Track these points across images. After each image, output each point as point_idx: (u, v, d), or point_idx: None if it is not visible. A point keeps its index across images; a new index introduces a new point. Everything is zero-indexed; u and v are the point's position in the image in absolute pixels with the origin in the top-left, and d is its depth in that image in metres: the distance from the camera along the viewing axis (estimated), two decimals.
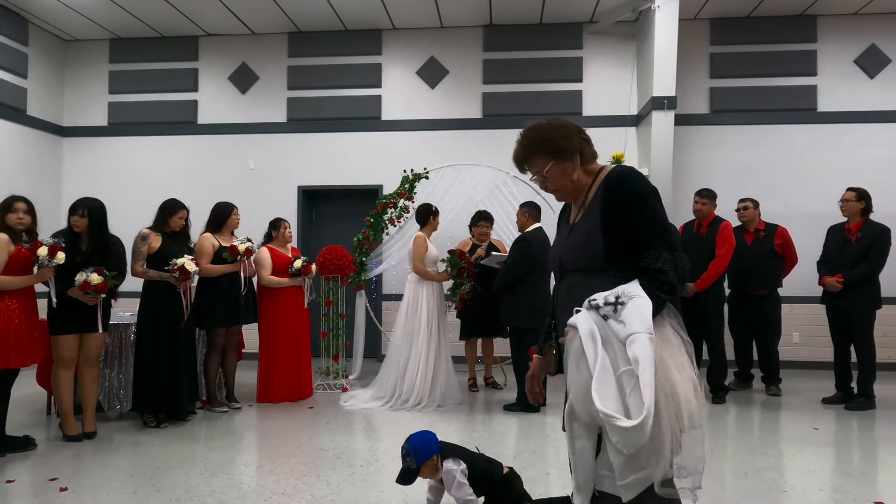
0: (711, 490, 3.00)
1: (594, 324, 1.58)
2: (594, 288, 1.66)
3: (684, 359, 1.60)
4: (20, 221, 3.57)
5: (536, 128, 1.83)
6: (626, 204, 1.72)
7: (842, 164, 6.46)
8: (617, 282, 1.65)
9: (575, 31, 6.89)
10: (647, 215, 1.70)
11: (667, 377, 1.53)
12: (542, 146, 1.81)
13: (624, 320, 1.54)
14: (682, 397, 1.53)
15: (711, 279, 4.95)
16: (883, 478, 3.26)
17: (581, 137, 1.82)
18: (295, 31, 7.14)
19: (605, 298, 1.59)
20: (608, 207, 1.74)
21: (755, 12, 6.62)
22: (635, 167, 1.79)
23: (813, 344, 6.31)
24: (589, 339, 1.56)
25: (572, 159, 1.80)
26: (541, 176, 1.85)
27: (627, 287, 1.61)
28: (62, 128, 7.36)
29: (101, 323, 3.87)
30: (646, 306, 1.55)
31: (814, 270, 5.04)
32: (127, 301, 4.86)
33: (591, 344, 1.55)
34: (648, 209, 1.71)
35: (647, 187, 1.75)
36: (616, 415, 1.45)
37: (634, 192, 1.73)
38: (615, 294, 1.59)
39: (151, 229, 4.26)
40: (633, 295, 1.58)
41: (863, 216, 4.77)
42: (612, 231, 1.71)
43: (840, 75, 6.65)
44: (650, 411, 1.43)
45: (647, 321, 1.52)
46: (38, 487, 3.07)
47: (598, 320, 1.58)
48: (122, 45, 7.33)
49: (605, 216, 1.73)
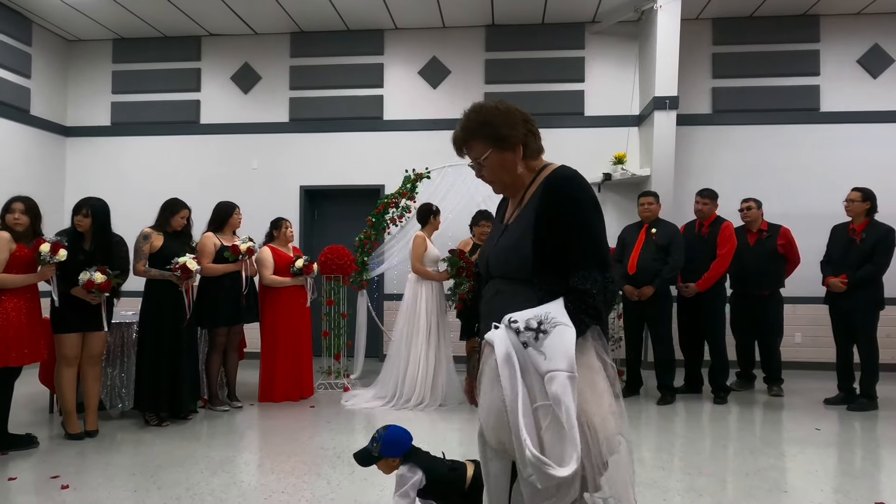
0: (712, 490, 3.00)
1: (512, 347, 1.45)
2: (519, 300, 1.54)
3: (604, 384, 1.51)
4: (16, 222, 3.57)
5: (480, 109, 1.67)
6: (561, 210, 1.57)
7: (845, 165, 6.44)
8: (542, 297, 1.53)
9: (577, 31, 6.88)
10: (583, 227, 1.56)
11: (583, 408, 1.44)
12: (482, 130, 1.65)
13: (545, 352, 1.42)
14: (599, 427, 1.45)
15: (713, 279, 4.95)
16: (885, 479, 3.25)
17: (528, 128, 1.67)
18: (297, 32, 7.15)
19: (527, 322, 1.46)
20: (543, 211, 1.58)
21: (758, 12, 6.61)
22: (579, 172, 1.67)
23: (815, 344, 6.29)
24: (505, 365, 1.44)
25: (514, 150, 1.65)
26: (478, 163, 1.69)
27: (551, 310, 1.48)
28: (65, 127, 7.38)
29: (105, 322, 3.88)
30: (569, 337, 1.43)
31: (816, 271, 5.03)
32: (129, 300, 4.88)
33: (507, 370, 1.44)
34: (586, 220, 1.57)
35: (588, 195, 1.60)
36: (547, 461, 1.36)
37: (573, 199, 1.58)
38: (538, 319, 1.46)
39: (153, 228, 4.28)
40: (556, 322, 1.45)
41: (867, 216, 4.76)
42: (544, 239, 1.57)
43: (843, 75, 6.63)
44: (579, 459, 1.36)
45: (569, 356, 1.41)
46: (40, 485, 3.08)
47: (518, 345, 1.45)
48: (125, 45, 7.35)
49: (539, 221, 1.58)
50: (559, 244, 1.55)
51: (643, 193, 5.19)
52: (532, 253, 1.57)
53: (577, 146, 6.78)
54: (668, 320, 5.01)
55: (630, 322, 5.14)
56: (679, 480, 3.13)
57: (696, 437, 4.02)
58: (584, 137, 6.79)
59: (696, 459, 3.50)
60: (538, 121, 1.75)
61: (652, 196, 5.09)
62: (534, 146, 1.69)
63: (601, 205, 1.66)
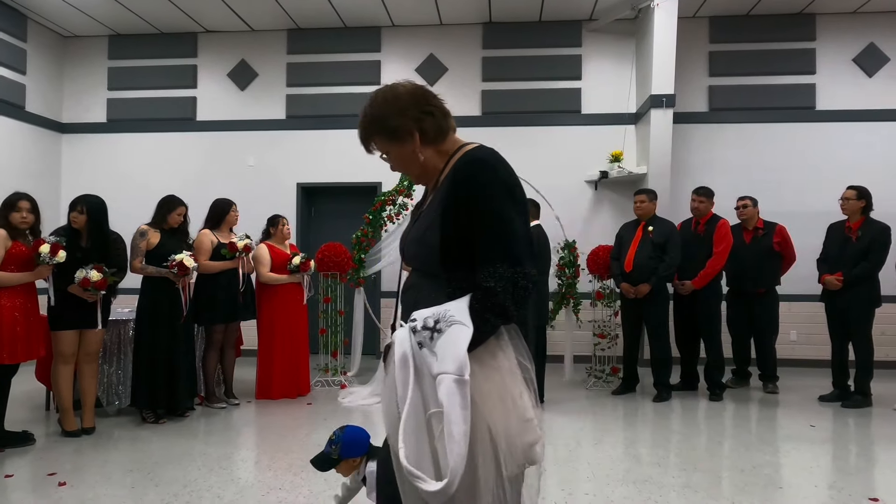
0: (708, 486, 3.01)
1: (409, 349, 1.34)
2: (428, 296, 1.41)
3: (517, 389, 1.36)
4: (24, 221, 3.59)
5: (372, 103, 1.54)
6: (467, 198, 1.40)
7: (840, 163, 6.47)
8: (452, 293, 1.39)
9: (574, 29, 6.89)
10: (489, 216, 1.38)
11: (482, 415, 1.30)
12: (375, 126, 1.53)
13: (437, 353, 1.30)
14: (503, 438, 1.31)
15: (709, 277, 4.97)
16: (879, 475, 3.28)
17: (422, 110, 1.50)
18: (294, 28, 7.14)
19: (425, 321, 1.33)
20: (449, 199, 1.42)
21: (754, 10, 6.62)
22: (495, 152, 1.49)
23: (811, 342, 6.33)
24: (401, 367, 1.33)
25: (409, 139, 1.50)
26: (383, 159, 1.59)
27: (452, 308, 1.34)
28: (61, 124, 7.35)
29: (101, 319, 3.88)
30: (463, 337, 1.30)
31: (812, 268, 5.05)
32: (126, 297, 4.87)
33: (402, 373, 1.33)
34: (492, 208, 1.38)
35: (497, 179, 1.41)
36: (418, 474, 1.25)
37: (479, 184, 1.40)
38: (435, 317, 1.33)
39: (150, 225, 4.27)
40: (453, 321, 1.32)
41: (863, 215, 4.78)
42: (450, 230, 1.41)
43: (839, 74, 6.65)
44: (455, 474, 1.22)
45: (459, 358, 1.27)
46: (37, 482, 3.08)
47: (415, 346, 1.33)
48: (121, 42, 7.32)
49: (446, 211, 1.42)
50: (466, 236, 1.39)
51: (637, 191, 5.22)
52: (439, 246, 1.42)
53: (573, 144, 6.80)
54: (664, 318, 5.03)
55: (627, 320, 5.16)
56: (675, 477, 3.15)
57: (691, 433, 4.04)
58: (580, 135, 6.80)
59: (691, 456, 3.52)
60: (535, 119, 1.68)
61: (645, 194, 5.10)
62: (435, 128, 1.51)
63: (600, 203, 1.61)
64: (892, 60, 6.59)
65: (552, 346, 5.25)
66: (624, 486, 3.00)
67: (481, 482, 1.30)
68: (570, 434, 3.97)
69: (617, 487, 2.98)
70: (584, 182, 6.77)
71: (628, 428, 4.15)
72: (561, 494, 2.90)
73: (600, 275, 5.41)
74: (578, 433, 4.00)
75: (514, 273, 1.35)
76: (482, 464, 1.30)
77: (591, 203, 6.78)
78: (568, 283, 5.58)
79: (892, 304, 4.96)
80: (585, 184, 6.78)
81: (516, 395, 1.36)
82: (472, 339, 1.31)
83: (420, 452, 1.29)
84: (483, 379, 1.33)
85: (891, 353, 6.02)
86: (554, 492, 2.94)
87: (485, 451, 1.30)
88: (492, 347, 1.37)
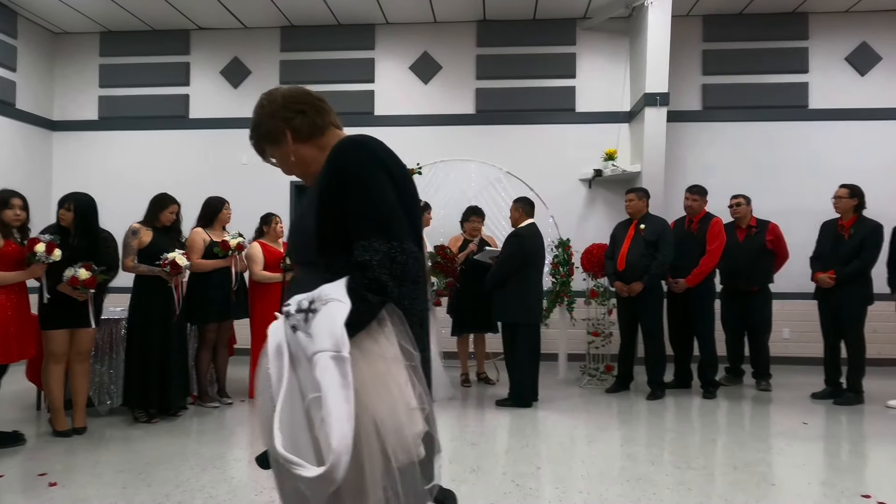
0: (701, 483, 3.02)
1: (284, 336, 1.28)
2: (308, 288, 1.34)
3: (402, 377, 1.29)
4: (17, 218, 3.57)
5: (255, 109, 1.57)
6: (340, 180, 1.39)
7: (833, 161, 6.49)
8: (330, 279, 1.33)
9: (568, 27, 6.88)
10: (361, 190, 1.36)
11: (365, 405, 1.23)
12: (254, 133, 1.57)
13: (312, 333, 1.23)
14: (389, 428, 1.24)
15: (702, 275, 4.98)
16: (870, 472, 3.30)
17: (293, 109, 1.52)
18: (287, 26, 7.10)
19: (299, 304, 1.28)
20: (323, 184, 1.42)
21: (747, 9, 6.64)
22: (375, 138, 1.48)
23: (803, 340, 6.35)
24: (275, 357, 1.27)
25: (283, 139, 1.52)
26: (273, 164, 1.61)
27: (327, 288, 1.29)
28: (52, 122, 7.29)
29: (93, 318, 3.85)
30: (339, 313, 1.24)
31: (804, 266, 5.07)
32: (118, 296, 4.84)
33: (276, 362, 1.26)
34: (364, 183, 1.37)
35: (368, 155, 1.41)
36: (296, 460, 1.16)
37: (349, 161, 1.40)
38: (310, 298, 1.28)
39: (142, 224, 4.24)
40: (328, 298, 1.26)
41: (856, 213, 4.80)
42: (325, 214, 1.40)
43: (831, 72, 6.68)
44: (339, 456, 1.14)
45: (335, 334, 1.21)
46: (28, 482, 3.05)
47: (290, 332, 1.27)
48: (113, 39, 7.26)
49: (321, 195, 1.42)
50: (339, 216, 1.38)
51: (627, 190, 5.23)
52: (316, 231, 1.41)
53: (568, 142, 6.80)
54: (658, 316, 5.04)
55: (622, 318, 5.17)
56: (668, 474, 3.15)
57: (685, 431, 4.05)
58: (575, 133, 6.80)
59: (685, 454, 3.52)
60: (529, 117, 1.68)
61: (634, 192, 5.12)
62: (308, 125, 1.52)
63: (594, 202, 1.60)
64: (885, 59, 6.62)
65: (546, 344, 5.25)
66: (618, 485, 3.00)
67: (368, 478, 1.22)
68: (564, 432, 3.98)
69: (611, 485, 2.99)
70: (579, 180, 6.78)
71: (622, 426, 4.16)
72: (555, 493, 2.90)
73: (594, 273, 5.41)
74: (572, 431, 4.00)
75: (391, 247, 1.32)
76: (368, 457, 1.22)
77: (586, 201, 6.78)
78: (562, 282, 5.58)
79: (883, 301, 4.98)
80: (579, 182, 6.78)
81: (402, 382, 1.29)
82: (353, 320, 1.25)
83: (298, 441, 1.20)
84: (365, 365, 1.26)
85: (882, 351, 6.06)
86: (548, 490, 2.94)
87: (370, 444, 1.22)
88: (374, 333, 1.30)
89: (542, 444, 3.73)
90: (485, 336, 5.61)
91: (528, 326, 4.67)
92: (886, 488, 2.99)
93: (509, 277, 4.60)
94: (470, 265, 5.19)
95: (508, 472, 3.18)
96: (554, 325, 5.71)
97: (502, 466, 3.27)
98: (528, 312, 4.64)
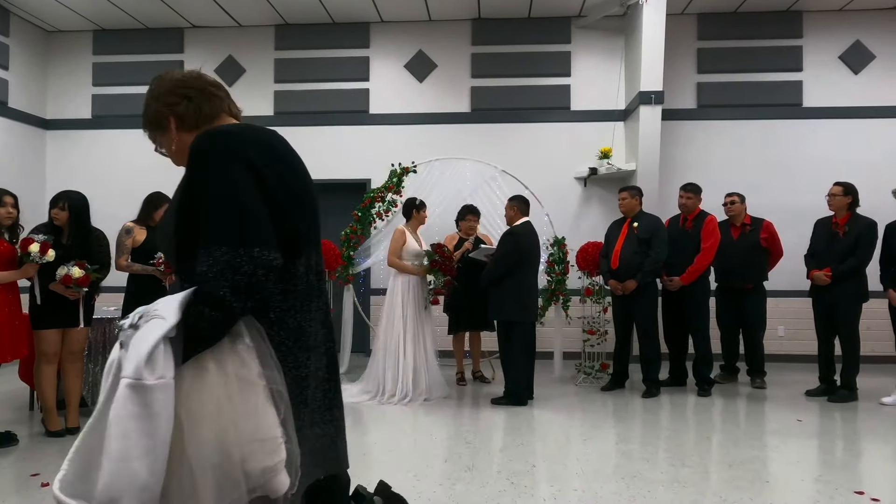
0: (696, 481, 3.03)
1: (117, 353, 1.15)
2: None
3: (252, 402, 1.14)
4: (9, 215, 3.55)
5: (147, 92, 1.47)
6: (191, 176, 1.25)
7: (827, 159, 6.51)
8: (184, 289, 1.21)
9: (563, 26, 6.88)
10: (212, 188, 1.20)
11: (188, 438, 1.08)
12: (144, 117, 1.46)
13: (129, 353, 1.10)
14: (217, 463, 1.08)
15: (697, 273, 4.99)
16: (864, 468, 3.31)
17: (178, 94, 1.39)
18: (282, 24, 7.08)
19: (132, 318, 1.16)
20: (181, 182, 1.29)
21: (742, 8, 6.65)
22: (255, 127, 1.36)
23: (798, 337, 6.38)
24: (105, 377, 1.15)
25: (167, 126, 1.41)
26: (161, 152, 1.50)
27: (161, 302, 1.17)
28: (45, 120, 7.25)
29: (84, 317, 3.82)
30: (152, 333, 1.09)
31: (798, 264, 5.09)
32: (111, 295, 4.82)
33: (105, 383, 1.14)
34: (214, 182, 1.20)
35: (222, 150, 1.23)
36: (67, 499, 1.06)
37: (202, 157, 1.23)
38: (141, 313, 1.16)
39: (136, 223, 4.21)
40: (154, 315, 1.13)
41: (850, 210, 4.82)
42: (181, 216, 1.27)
43: (825, 71, 6.70)
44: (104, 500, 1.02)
45: (137, 357, 1.07)
46: (21, 483, 3.03)
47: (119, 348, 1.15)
48: (106, 37, 7.23)
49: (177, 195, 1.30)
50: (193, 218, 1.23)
51: (620, 188, 5.25)
52: (173, 235, 1.29)
53: (563, 141, 6.80)
54: (653, 314, 5.05)
55: (617, 316, 5.18)
56: (663, 472, 3.16)
57: (680, 429, 4.05)
58: (570, 132, 6.81)
59: (680, 451, 3.53)
60: (525, 115, 1.64)
61: (627, 191, 5.13)
62: (193, 111, 1.39)
63: (590, 200, 1.57)
64: (878, 58, 6.64)
65: (542, 342, 5.25)
66: (613, 482, 3.00)
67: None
68: (559, 430, 3.98)
69: (606, 483, 2.99)
70: (574, 178, 6.78)
71: (617, 424, 4.16)
72: (550, 491, 2.90)
73: (589, 271, 5.42)
74: (568, 429, 4.00)
75: (235, 256, 1.14)
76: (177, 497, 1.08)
77: (581, 199, 6.78)
78: (557, 280, 5.59)
79: (878, 299, 5.00)
80: (575, 180, 6.79)
81: (250, 409, 1.13)
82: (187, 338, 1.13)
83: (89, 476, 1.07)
84: (197, 390, 1.11)
85: (876, 348, 6.09)
86: (543, 488, 2.94)
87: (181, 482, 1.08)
88: (221, 352, 1.15)
89: (537, 442, 3.73)
90: (480, 334, 5.61)
91: (524, 324, 4.67)
92: (880, 485, 3.00)
93: (505, 275, 4.60)
94: (465, 263, 5.19)
95: (504, 470, 3.18)
96: (549, 323, 5.71)
97: (497, 465, 3.27)
98: (524, 310, 4.64)
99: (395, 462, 3.32)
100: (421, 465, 3.27)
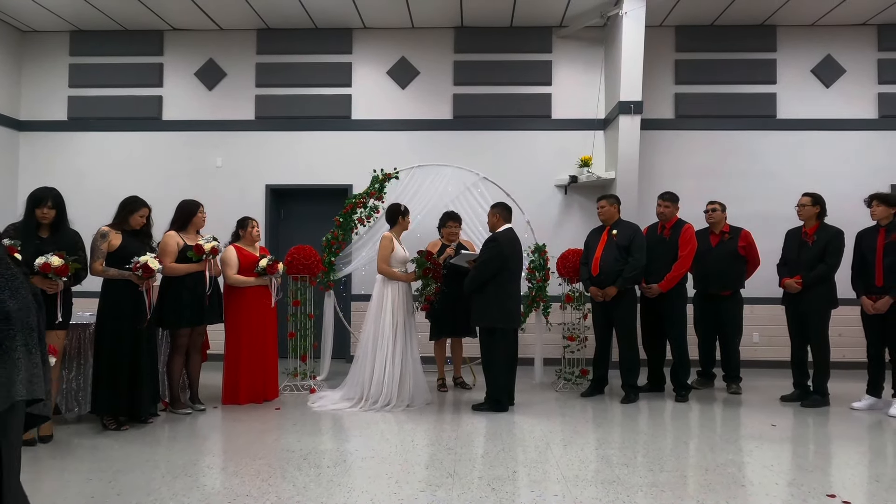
0: (674, 485, 3.07)
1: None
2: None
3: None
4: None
5: None
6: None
7: (799, 170, 6.68)
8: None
9: (545, 35, 6.97)
10: None
11: None
12: None
13: None
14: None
15: (675, 280, 5.07)
16: (836, 472, 3.38)
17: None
18: (264, 28, 7.05)
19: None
20: None
21: (718, 21, 6.81)
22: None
23: (772, 343, 6.51)
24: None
25: None
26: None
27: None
28: (19, 122, 7.11)
29: (62, 315, 3.73)
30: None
31: (773, 272, 5.20)
32: (86, 300, 4.73)
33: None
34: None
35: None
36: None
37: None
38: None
39: (111, 227, 4.16)
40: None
41: (818, 220, 4.94)
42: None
43: (798, 84, 6.88)
44: None
45: None
46: None
47: None
48: (84, 38, 7.12)
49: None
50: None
51: (599, 197, 5.32)
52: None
53: (543, 148, 6.87)
54: (632, 320, 5.11)
55: (597, 323, 5.23)
56: (642, 476, 3.19)
57: (658, 434, 4.10)
58: (550, 140, 6.88)
59: (658, 456, 3.57)
60: (506, 123, 1.69)
61: (606, 199, 5.20)
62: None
63: (570, 208, 1.60)
64: (848, 72, 6.85)
65: (522, 348, 5.28)
66: (593, 487, 3.03)
67: None
68: (539, 436, 4.00)
69: (586, 488, 3.01)
70: (554, 186, 6.85)
71: (597, 429, 4.20)
72: (530, 496, 2.91)
73: (570, 278, 5.47)
74: (548, 435, 4.03)
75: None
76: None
77: (561, 207, 6.85)
78: (538, 287, 5.63)
79: (848, 306, 5.13)
80: (555, 188, 6.86)
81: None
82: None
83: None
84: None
85: (847, 355, 6.23)
86: (524, 493, 2.95)
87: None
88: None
89: (517, 447, 3.74)
90: (462, 340, 5.62)
91: (506, 331, 4.69)
92: (851, 487, 3.07)
93: (488, 282, 4.62)
94: (447, 270, 5.20)
95: (485, 476, 3.19)
96: (530, 329, 5.74)
97: (479, 471, 3.28)
98: (507, 317, 4.67)
99: (376, 468, 3.31)
100: (402, 471, 3.26)
